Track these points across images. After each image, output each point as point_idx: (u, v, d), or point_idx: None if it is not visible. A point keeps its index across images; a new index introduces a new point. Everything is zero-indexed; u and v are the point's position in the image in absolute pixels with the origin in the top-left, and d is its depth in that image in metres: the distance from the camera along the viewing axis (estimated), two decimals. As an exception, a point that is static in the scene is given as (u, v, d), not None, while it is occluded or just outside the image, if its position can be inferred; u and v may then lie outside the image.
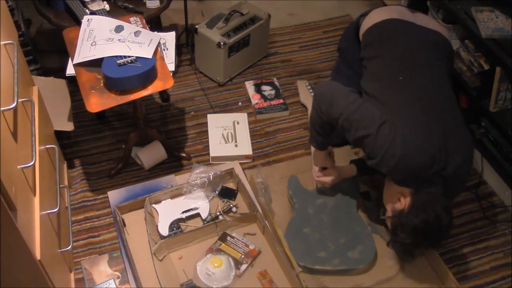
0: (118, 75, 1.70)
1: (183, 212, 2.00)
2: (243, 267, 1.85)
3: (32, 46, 2.44)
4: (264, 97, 2.58)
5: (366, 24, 1.99)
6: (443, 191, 1.66)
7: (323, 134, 1.86)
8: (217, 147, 2.31)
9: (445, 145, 1.64)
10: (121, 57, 1.76)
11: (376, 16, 1.98)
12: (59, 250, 1.58)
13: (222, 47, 2.48)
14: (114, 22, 1.90)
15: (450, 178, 1.66)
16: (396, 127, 1.62)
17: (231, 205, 2.05)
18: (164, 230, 1.94)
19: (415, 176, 1.66)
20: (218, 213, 2.01)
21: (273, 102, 2.56)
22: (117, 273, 1.85)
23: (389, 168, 1.63)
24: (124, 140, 2.29)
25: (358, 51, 2.02)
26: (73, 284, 1.76)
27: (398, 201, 1.71)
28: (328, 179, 1.96)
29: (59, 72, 2.28)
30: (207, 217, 2.00)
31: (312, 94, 2.56)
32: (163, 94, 2.53)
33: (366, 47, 1.95)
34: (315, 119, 1.81)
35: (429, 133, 1.64)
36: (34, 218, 1.34)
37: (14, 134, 1.29)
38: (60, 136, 2.22)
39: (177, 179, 2.16)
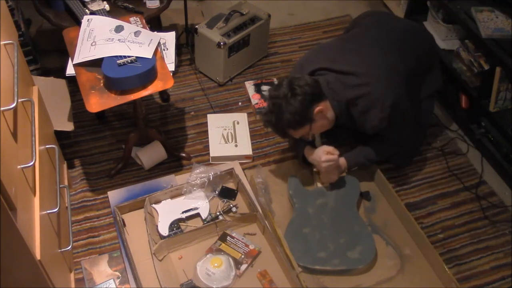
0: (118, 75, 1.70)
1: (183, 212, 2.00)
2: (243, 267, 1.85)
3: (32, 46, 2.44)
4: (264, 97, 2.58)
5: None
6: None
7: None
8: (217, 147, 2.30)
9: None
10: (121, 57, 1.76)
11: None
12: (59, 250, 1.58)
13: (222, 47, 2.48)
14: (114, 22, 1.90)
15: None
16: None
17: (231, 205, 2.05)
18: (164, 230, 1.94)
19: None
20: (218, 213, 2.01)
21: (273, 102, 2.56)
22: (117, 273, 1.85)
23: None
24: (124, 140, 2.29)
25: None
26: (73, 284, 1.76)
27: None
28: (334, 156, 1.98)
29: (59, 72, 2.29)
30: (207, 217, 2.00)
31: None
32: (163, 94, 2.53)
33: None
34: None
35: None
36: (34, 218, 1.34)
37: (14, 134, 1.29)
38: (60, 136, 2.22)
39: (177, 179, 2.16)
